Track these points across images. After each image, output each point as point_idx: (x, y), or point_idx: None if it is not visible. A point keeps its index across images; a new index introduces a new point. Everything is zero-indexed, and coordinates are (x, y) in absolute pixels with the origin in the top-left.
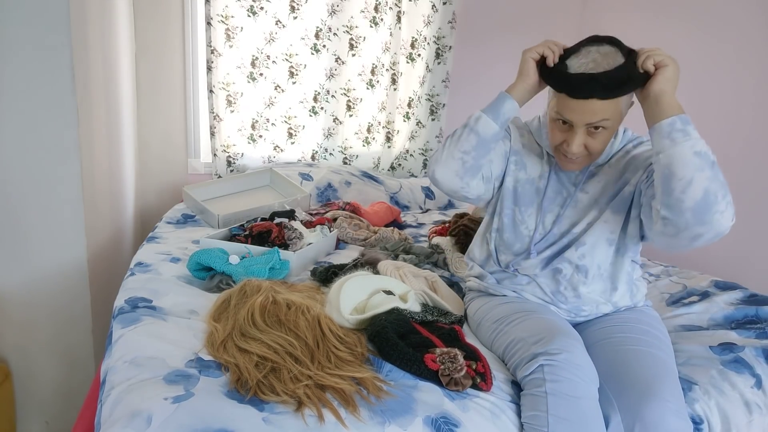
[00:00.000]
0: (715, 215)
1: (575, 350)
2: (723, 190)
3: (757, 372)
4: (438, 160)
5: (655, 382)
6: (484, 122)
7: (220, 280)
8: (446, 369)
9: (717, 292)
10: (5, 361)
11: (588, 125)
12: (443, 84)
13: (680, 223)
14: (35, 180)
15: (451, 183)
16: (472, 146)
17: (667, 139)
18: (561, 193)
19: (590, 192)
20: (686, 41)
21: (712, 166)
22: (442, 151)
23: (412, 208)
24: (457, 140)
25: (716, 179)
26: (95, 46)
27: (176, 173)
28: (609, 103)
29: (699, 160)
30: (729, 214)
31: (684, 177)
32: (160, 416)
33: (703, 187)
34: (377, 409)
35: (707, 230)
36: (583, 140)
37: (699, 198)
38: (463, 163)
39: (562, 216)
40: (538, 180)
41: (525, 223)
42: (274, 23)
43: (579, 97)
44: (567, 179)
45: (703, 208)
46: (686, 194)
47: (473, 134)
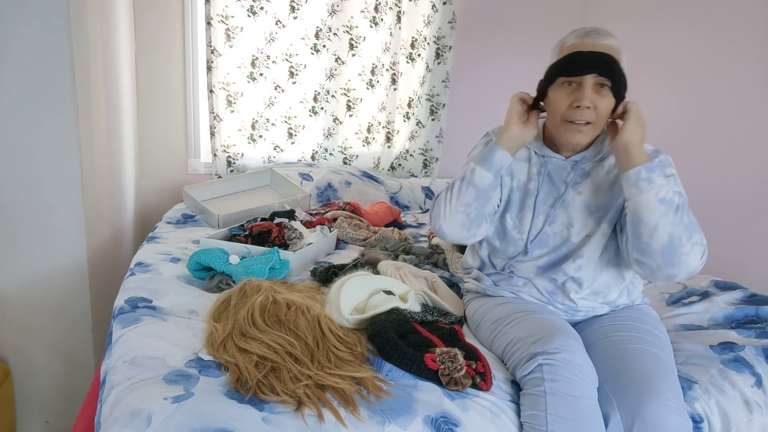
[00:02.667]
0: (682, 257)
1: (574, 349)
2: (688, 233)
3: (758, 371)
4: (443, 216)
5: (655, 381)
6: (479, 174)
7: (220, 280)
8: (446, 369)
9: (717, 291)
10: (5, 361)
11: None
12: (443, 84)
13: (652, 265)
14: (35, 180)
15: (458, 235)
16: (473, 198)
17: (634, 187)
18: (552, 193)
19: (583, 193)
20: (687, 43)
21: (676, 210)
22: (445, 206)
23: (412, 208)
24: (457, 194)
25: (680, 223)
26: (95, 46)
27: (176, 173)
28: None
29: (663, 207)
30: (696, 254)
31: (650, 223)
32: (160, 416)
33: (668, 232)
34: (377, 409)
35: (678, 270)
36: (592, 96)
37: (665, 242)
38: (467, 215)
39: (554, 215)
40: (527, 183)
41: (516, 227)
42: (274, 23)
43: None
44: (558, 178)
45: (670, 251)
46: (653, 239)
47: (471, 186)
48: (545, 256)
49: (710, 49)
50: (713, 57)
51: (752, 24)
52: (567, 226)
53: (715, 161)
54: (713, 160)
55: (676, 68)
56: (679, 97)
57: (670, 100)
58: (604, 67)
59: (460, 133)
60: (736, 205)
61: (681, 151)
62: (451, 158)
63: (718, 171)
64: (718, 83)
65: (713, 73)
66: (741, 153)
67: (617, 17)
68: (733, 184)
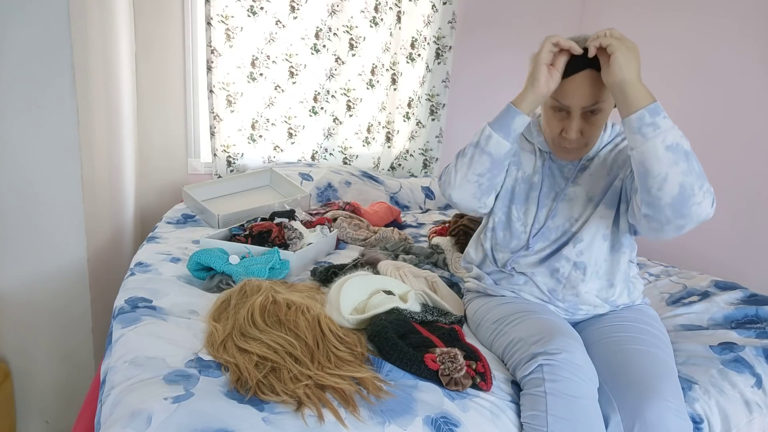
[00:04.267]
0: (693, 207)
1: (574, 350)
2: (699, 181)
3: (758, 371)
4: (453, 184)
5: (655, 382)
6: (495, 141)
7: (220, 280)
8: (446, 369)
9: (717, 291)
10: (5, 361)
11: (584, 108)
12: (443, 84)
13: (662, 218)
14: (36, 180)
15: (469, 204)
16: (487, 168)
17: (638, 134)
18: (554, 188)
19: (582, 185)
20: (686, 38)
21: (686, 157)
22: (455, 173)
23: (412, 208)
24: (469, 162)
25: (691, 171)
26: (95, 46)
27: (176, 173)
28: (602, 83)
29: (671, 155)
30: (707, 203)
31: (659, 174)
32: (160, 416)
33: (679, 182)
34: (377, 409)
35: (688, 221)
36: (580, 125)
37: (676, 193)
38: (479, 185)
39: (555, 209)
40: (532, 176)
41: (521, 219)
42: (274, 23)
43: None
44: (560, 174)
45: (680, 202)
46: (663, 191)
47: (486, 155)
48: (546, 248)
49: (708, 46)
50: (711, 54)
51: (749, 20)
52: (569, 219)
53: (715, 161)
54: (713, 160)
55: (674, 66)
56: (677, 95)
57: (668, 98)
58: (597, 62)
59: (460, 133)
60: (735, 205)
61: None
62: (451, 158)
63: (718, 171)
64: (717, 81)
65: (712, 71)
66: (740, 151)
67: (615, 16)
68: (732, 183)
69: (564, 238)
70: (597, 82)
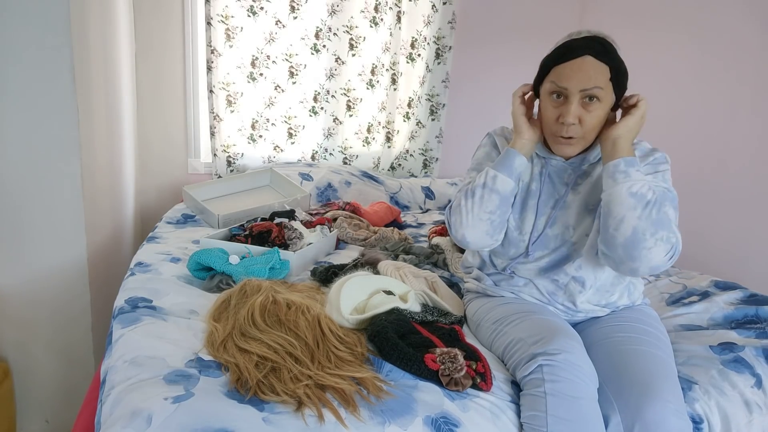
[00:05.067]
0: (643, 251)
1: (574, 350)
2: (653, 228)
3: (757, 372)
4: (465, 224)
5: (655, 382)
6: (501, 180)
7: (220, 280)
8: (446, 369)
9: (717, 292)
10: (5, 360)
11: (582, 92)
12: (443, 84)
13: (615, 257)
14: (36, 179)
15: (482, 241)
16: (496, 205)
17: (611, 178)
18: (553, 194)
19: (582, 192)
20: (685, 41)
21: (645, 205)
22: (466, 214)
23: (412, 208)
24: (480, 202)
25: (647, 218)
26: (95, 46)
27: (176, 173)
28: (601, 70)
29: (633, 200)
30: (659, 251)
31: (617, 215)
32: (160, 416)
33: (633, 225)
34: (377, 409)
35: (639, 264)
36: (578, 111)
37: (628, 235)
38: (491, 222)
39: (554, 217)
40: (530, 183)
41: (519, 228)
42: (274, 23)
43: (574, 56)
44: (559, 180)
45: (631, 244)
46: (618, 231)
47: (494, 194)
48: (546, 257)
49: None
50: (711, 56)
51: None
52: (567, 227)
53: (715, 161)
54: (713, 160)
55: (674, 68)
56: (676, 97)
57: (668, 100)
58: (600, 50)
59: (460, 133)
60: (735, 205)
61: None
62: (451, 158)
63: (718, 170)
64: (716, 83)
65: (712, 73)
66: (739, 152)
67: (615, 14)
68: (731, 184)
69: (563, 249)
70: (595, 67)
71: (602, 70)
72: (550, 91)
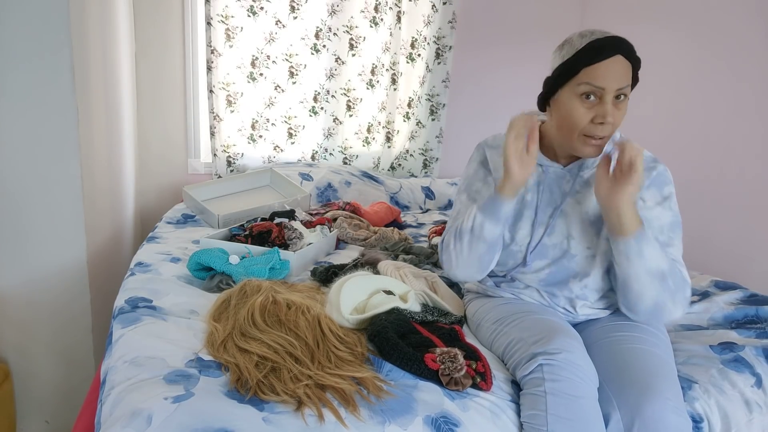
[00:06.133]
0: (665, 315)
1: (574, 350)
2: (672, 297)
3: (757, 371)
4: (455, 266)
5: (655, 380)
6: (488, 229)
7: (220, 280)
8: (446, 369)
9: (717, 291)
10: (5, 361)
11: (617, 90)
12: (443, 84)
13: (637, 318)
14: (35, 180)
15: (474, 278)
16: (485, 250)
17: (624, 257)
18: (551, 202)
19: (582, 202)
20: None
21: (663, 279)
22: (456, 257)
23: (412, 208)
24: (468, 247)
25: (665, 291)
26: (95, 46)
27: (176, 173)
28: (629, 69)
29: (650, 277)
30: (680, 309)
31: (636, 291)
32: (160, 416)
33: (653, 300)
34: (377, 409)
35: (662, 321)
36: (612, 109)
37: (650, 307)
38: (481, 262)
39: (552, 226)
40: (524, 194)
41: (514, 239)
42: (274, 23)
43: (607, 56)
44: (557, 187)
45: (653, 313)
46: (638, 305)
47: (482, 241)
48: (546, 269)
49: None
50: (712, 56)
51: (750, 27)
52: (566, 237)
53: (715, 161)
54: (713, 160)
55: (674, 68)
56: (677, 97)
57: (669, 100)
58: (628, 50)
59: (460, 133)
60: (736, 205)
61: (681, 150)
62: (451, 158)
63: (718, 170)
64: (717, 83)
65: (713, 74)
66: (740, 152)
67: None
68: (732, 184)
69: (564, 261)
70: (625, 66)
71: (629, 69)
72: (582, 92)
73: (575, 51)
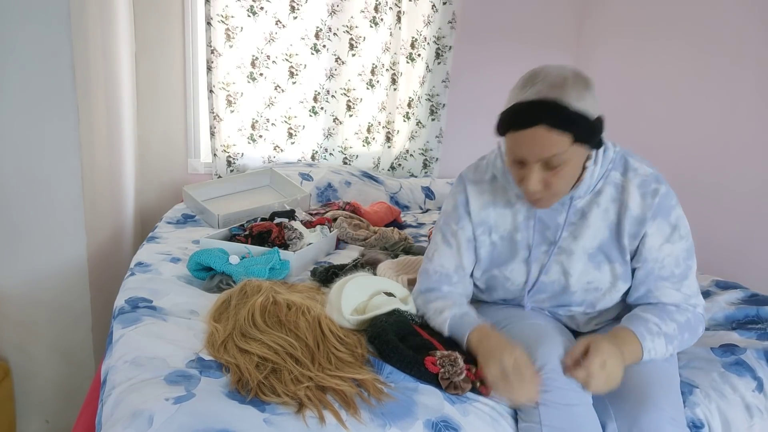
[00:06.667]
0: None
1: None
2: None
3: (759, 375)
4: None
5: (652, 390)
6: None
7: (220, 280)
8: (446, 372)
9: (718, 291)
10: (5, 360)
11: (542, 160)
12: (443, 84)
13: None
14: (35, 179)
15: None
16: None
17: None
18: (546, 239)
19: (579, 237)
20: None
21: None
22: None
23: (412, 208)
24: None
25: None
26: (95, 46)
27: (176, 173)
28: (559, 139)
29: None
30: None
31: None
32: (161, 416)
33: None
34: (378, 412)
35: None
36: (540, 177)
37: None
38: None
39: (549, 263)
40: (514, 233)
41: (509, 279)
42: (274, 23)
43: (526, 126)
44: (551, 221)
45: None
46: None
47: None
48: (546, 301)
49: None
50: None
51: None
52: (564, 274)
53: (715, 160)
54: (713, 160)
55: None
56: (676, 100)
57: (668, 104)
58: (554, 120)
59: (460, 133)
60: (735, 205)
61: (682, 150)
62: (451, 158)
63: (719, 170)
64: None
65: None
66: (740, 151)
67: (615, 11)
68: (732, 184)
69: (565, 296)
70: (552, 137)
71: (561, 138)
72: (508, 154)
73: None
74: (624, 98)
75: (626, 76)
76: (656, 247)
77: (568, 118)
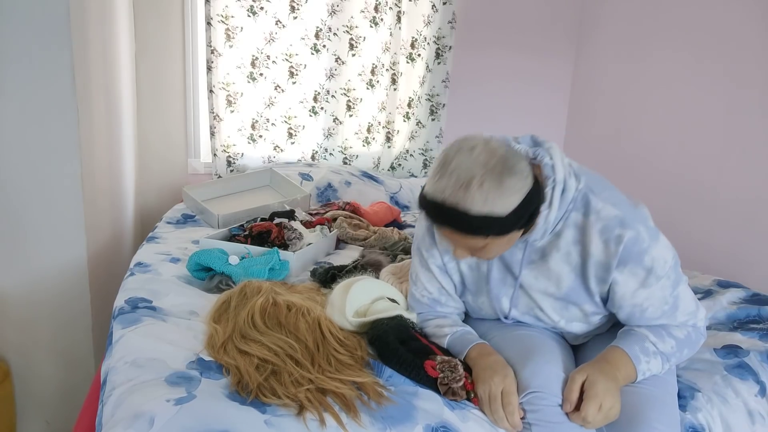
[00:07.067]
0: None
1: (549, 373)
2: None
3: (761, 379)
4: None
5: (645, 408)
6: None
7: (220, 280)
8: (445, 377)
9: (719, 290)
10: (5, 361)
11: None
12: (443, 84)
13: None
14: (35, 179)
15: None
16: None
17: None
18: (506, 275)
19: (540, 279)
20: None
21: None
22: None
23: (412, 208)
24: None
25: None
26: (95, 46)
27: (176, 173)
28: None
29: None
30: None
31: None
32: (162, 418)
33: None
34: (378, 415)
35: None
36: (465, 252)
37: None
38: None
39: (515, 299)
40: (478, 263)
41: (482, 309)
42: (274, 23)
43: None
44: (511, 258)
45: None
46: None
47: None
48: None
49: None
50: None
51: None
52: (534, 309)
53: (716, 160)
54: (713, 160)
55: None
56: (678, 96)
57: (669, 99)
58: (460, 227)
59: (460, 133)
60: (735, 205)
61: (682, 150)
62: None
63: (719, 170)
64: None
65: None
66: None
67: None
68: (733, 184)
69: (541, 323)
70: (459, 236)
71: (472, 238)
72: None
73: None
74: (623, 99)
75: (626, 76)
76: (629, 294)
77: (470, 224)
